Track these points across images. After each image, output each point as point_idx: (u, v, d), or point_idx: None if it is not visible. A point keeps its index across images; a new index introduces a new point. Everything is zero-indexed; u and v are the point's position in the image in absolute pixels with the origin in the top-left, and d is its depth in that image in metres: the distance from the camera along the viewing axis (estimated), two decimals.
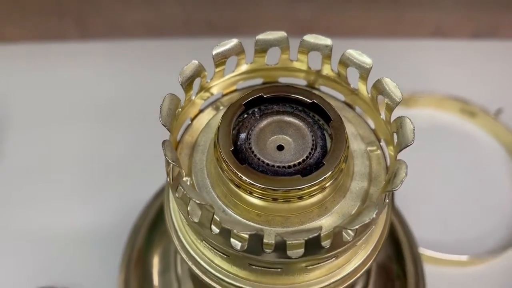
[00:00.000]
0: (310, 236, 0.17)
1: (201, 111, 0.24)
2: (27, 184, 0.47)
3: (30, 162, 0.48)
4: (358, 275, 0.22)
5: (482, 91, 0.52)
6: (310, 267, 0.20)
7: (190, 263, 0.22)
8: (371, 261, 0.22)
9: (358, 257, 0.22)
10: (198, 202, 0.18)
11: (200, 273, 0.22)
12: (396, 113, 0.52)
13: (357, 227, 0.17)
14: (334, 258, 0.20)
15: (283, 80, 0.25)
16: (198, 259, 0.22)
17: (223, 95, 0.25)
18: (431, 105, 0.53)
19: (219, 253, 0.21)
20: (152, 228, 0.36)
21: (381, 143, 0.23)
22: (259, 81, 0.25)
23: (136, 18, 0.57)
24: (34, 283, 0.40)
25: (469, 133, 0.51)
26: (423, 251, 0.41)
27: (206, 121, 0.24)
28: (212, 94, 0.24)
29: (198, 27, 0.57)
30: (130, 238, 0.36)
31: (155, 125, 0.46)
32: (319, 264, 0.20)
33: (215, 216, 0.18)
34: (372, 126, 0.24)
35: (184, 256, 0.23)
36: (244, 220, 0.20)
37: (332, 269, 0.21)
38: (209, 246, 0.21)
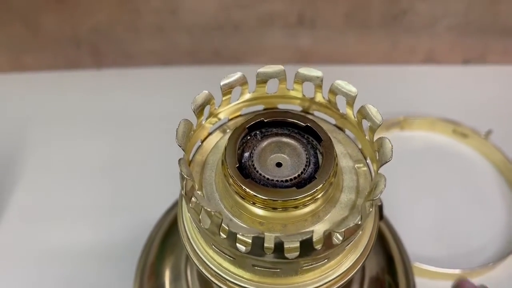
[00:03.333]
0: (304, 238, 0.20)
1: (210, 134, 0.27)
2: (46, 203, 0.49)
3: (48, 181, 0.51)
4: (349, 276, 0.24)
5: (472, 114, 0.55)
6: (306, 267, 0.23)
7: (201, 268, 0.25)
8: (360, 264, 0.25)
9: (348, 261, 0.24)
10: (209, 210, 0.21)
11: (209, 276, 0.25)
12: (392, 135, 0.55)
13: (343, 230, 0.20)
14: (326, 260, 0.23)
15: (282, 106, 0.28)
16: (208, 263, 0.25)
17: (229, 120, 0.28)
18: (424, 127, 0.55)
19: (227, 256, 0.23)
20: (164, 241, 0.38)
21: (367, 161, 0.26)
22: (260, 107, 0.28)
23: (146, 47, 0.60)
24: None
25: (461, 153, 0.54)
26: (418, 265, 0.43)
27: (215, 142, 0.27)
28: (219, 119, 0.28)
29: (205, 55, 0.60)
30: (144, 252, 0.39)
31: (166, 147, 0.50)
32: (313, 266, 0.23)
33: (222, 222, 0.21)
34: (359, 146, 0.27)
35: (195, 261, 0.25)
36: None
37: (325, 270, 0.24)
38: (218, 251, 0.24)
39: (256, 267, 0.23)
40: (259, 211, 0.23)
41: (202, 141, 0.27)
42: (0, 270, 0.45)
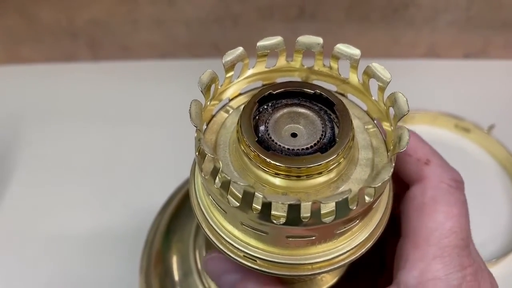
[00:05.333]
0: (343, 197, 0.20)
1: (213, 116, 0.27)
2: (48, 191, 0.49)
3: (45, 172, 0.50)
4: (376, 236, 0.25)
5: (474, 108, 0.54)
6: (339, 231, 0.23)
7: (226, 251, 0.24)
8: (385, 221, 0.25)
9: (373, 221, 0.25)
10: (242, 184, 0.20)
11: (238, 258, 0.24)
12: None
13: (379, 184, 0.20)
14: (358, 220, 0.23)
15: (280, 80, 0.27)
16: (236, 245, 0.24)
17: (230, 100, 0.27)
18: (426, 121, 0.54)
19: (258, 232, 0.23)
20: (168, 229, 0.37)
21: (375, 122, 0.26)
22: (259, 84, 0.28)
23: (144, 40, 0.59)
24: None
25: (463, 148, 0.53)
26: None
27: (220, 123, 0.26)
28: (220, 100, 0.27)
29: (203, 48, 0.59)
30: (148, 241, 0.38)
31: (164, 139, 0.49)
32: (346, 228, 0.23)
33: (256, 193, 0.21)
34: (364, 108, 0.27)
35: (221, 247, 0.25)
36: None
37: (355, 232, 0.24)
38: (248, 229, 0.23)
39: (290, 239, 0.22)
40: (283, 182, 0.22)
41: (207, 124, 0.26)
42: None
